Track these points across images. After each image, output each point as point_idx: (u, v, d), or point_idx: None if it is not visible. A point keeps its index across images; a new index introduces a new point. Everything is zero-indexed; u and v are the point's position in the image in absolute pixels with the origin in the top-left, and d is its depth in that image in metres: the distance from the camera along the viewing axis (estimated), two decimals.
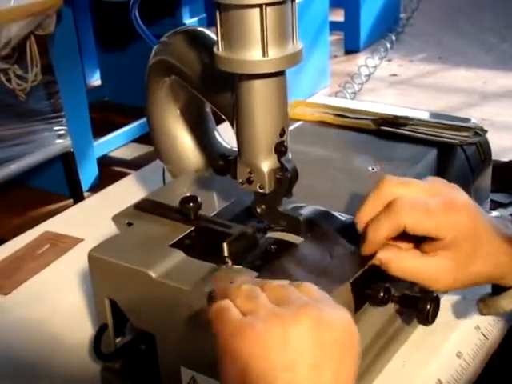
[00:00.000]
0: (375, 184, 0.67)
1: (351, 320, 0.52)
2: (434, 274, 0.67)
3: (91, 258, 0.71)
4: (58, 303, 0.89)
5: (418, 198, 0.65)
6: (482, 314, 0.73)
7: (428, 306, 0.72)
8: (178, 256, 0.69)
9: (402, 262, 0.66)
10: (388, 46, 3.86)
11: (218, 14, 0.63)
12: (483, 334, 0.80)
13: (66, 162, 2.41)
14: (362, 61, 3.82)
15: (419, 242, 0.67)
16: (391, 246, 0.67)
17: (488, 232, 0.67)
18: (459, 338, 0.80)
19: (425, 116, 0.97)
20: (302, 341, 0.49)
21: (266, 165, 0.68)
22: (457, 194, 0.67)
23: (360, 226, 0.67)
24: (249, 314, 0.51)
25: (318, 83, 3.56)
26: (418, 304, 0.72)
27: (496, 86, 3.63)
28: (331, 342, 0.50)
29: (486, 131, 0.91)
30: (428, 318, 0.72)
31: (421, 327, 0.78)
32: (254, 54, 0.63)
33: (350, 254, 0.69)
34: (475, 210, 0.67)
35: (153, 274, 0.66)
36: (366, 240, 0.66)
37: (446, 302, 0.79)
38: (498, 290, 0.71)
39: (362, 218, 0.67)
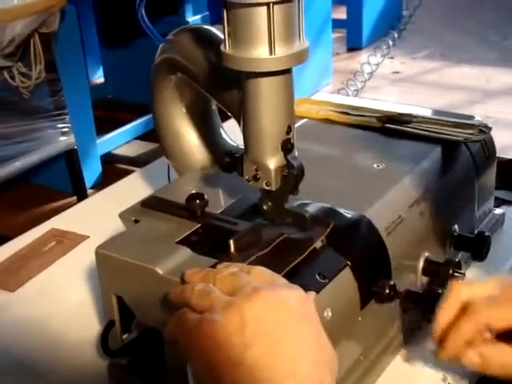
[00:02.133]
0: (447, 290, 0.66)
1: (303, 293, 0.55)
2: None
3: (98, 254, 0.72)
4: (64, 300, 0.89)
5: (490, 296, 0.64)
6: None
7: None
8: (185, 253, 0.69)
9: (501, 356, 0.63)
10: (390, 43, 3.86)
11: (225, 12, 0.64)
12: None
13: (70, 159, 2.42)
14: (365, 58, 3.82)
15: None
16: (481, 342, 0.63)
17: None
18: None
19: (429, 113, 0.97)
20: (258, 320, 0.52)
21: (273, 162, 0.69)
22: None
23: (437, 333, 0.65)
24: (205, 311, 0.54)
25: (320, 81, 3.57)
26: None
27: (499, 84, 3.62)
28: (285, 316, 0.52)
29: (490, 128, 0.91)
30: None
31: (426, 324, 0.78)
32: (261, 52, 0.63)
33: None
34: None
35: (160, 271, 0.67)
36: (446, 344, 0.64)
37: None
38: None
39: (440, 323, 0.65)
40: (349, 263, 0.69)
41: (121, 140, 2.97)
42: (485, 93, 3.53)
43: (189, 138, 0.91)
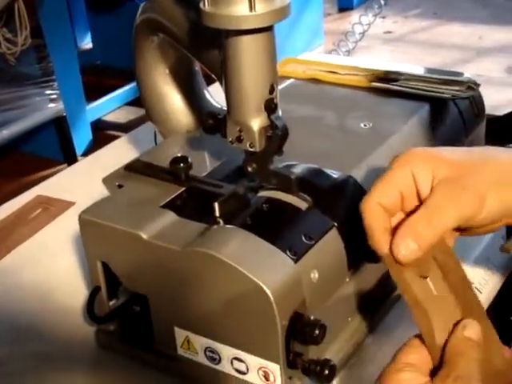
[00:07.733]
0: None
1: None
2: None
3: (82, 220, 0.71)
4: (51, 267, 0.89)
5: None
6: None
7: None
8: (170, 217, 0.68)
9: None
10: (382, 2, 3.80)
11: None
12: (477, 289, 0.80)
13: (59, 126, 2.40)
14: (356, 18, 3.76)
15: None
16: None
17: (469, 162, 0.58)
18: None
19: (417, 71, 0.95)
20: None
21: (256, 123, 0.67)
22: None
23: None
24: None
25: (311, 42, 3.53)
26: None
27: (491, 41, 3.60)
28: None
29: (478, 85, 0.90)
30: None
31: None
32: (241, 9, 0.61)
33: None
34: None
35: (144, 235, 0.66)
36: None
37: None
38: None
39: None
40: (335, 224, 0.68)
41: (111, 106, 2.94)
42: (477, 51, 3.50)
43: (172, 99, 0.89)
